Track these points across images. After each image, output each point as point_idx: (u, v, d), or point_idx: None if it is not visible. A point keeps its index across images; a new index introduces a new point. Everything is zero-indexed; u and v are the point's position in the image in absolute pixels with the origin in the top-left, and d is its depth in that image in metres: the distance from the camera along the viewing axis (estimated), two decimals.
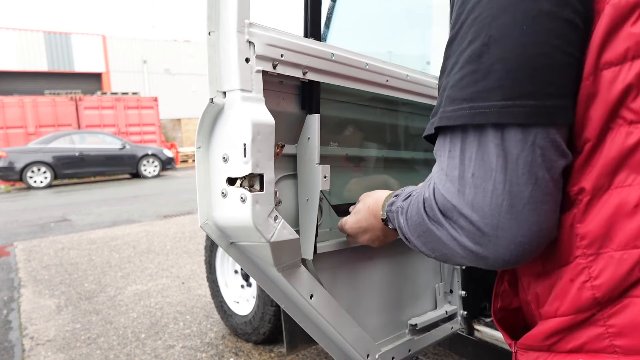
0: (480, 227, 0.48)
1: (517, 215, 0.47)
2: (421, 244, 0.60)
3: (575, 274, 0.51)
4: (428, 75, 1.31)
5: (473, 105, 0.48)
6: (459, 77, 0.49)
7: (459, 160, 0.50)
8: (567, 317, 0.53)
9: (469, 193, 0.49)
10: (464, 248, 0.51)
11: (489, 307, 1.69)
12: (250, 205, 0.77)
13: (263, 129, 0.78)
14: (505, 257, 0.49)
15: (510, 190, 0.47)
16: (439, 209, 0.52)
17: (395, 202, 0.70)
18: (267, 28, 0.84)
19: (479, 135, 0.48)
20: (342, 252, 1.16)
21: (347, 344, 1.08)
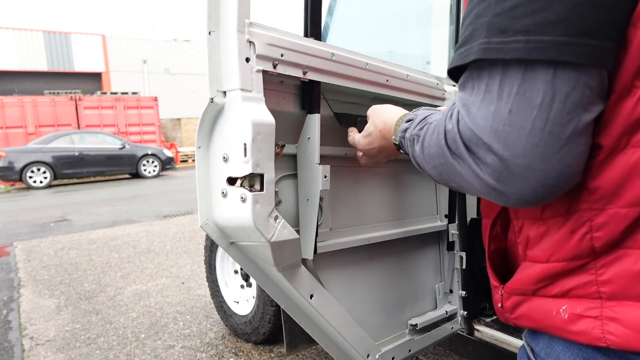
0: (509, 166, 0.46)
1: (551, 157, 0.45)
2: (436, 174, 0.58)
3: (577, 225, 0.52)
4: (428, 75, 1.31)
5: (530, 38, 0.43)
6: (511, 6, 0.45)
7: (496, 95, 0.46)
8: (560, 263, 0.54)
9: (503, 130, 0.46)
10: (485, 185, 0.50)
11: (489, 307, 1.69)
12: (251, 205, 0.77)
13: (263, 128, 0.78)
14: (528, 198, 0.48)
15: (551, 130, 0.44)
16: (464, 143, 0.50)
17: (409, 128, 0.67)
18: (268, 28, 0.84)
19: (525, 69, 0.45)
20: (343, 252, 1.16)
21: (347, 344, 1.08)
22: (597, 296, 0.51)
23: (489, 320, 1.64)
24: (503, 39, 0.45)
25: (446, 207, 1.51)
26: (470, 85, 0.50)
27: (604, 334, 0.50)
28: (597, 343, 0.51)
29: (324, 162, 0.98)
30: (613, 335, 0.50)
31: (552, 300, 0.56)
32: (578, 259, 0.52)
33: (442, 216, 1.52)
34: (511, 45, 0.45)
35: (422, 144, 0.60)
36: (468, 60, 0.49)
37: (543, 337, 0.60)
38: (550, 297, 0.56)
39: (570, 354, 0.55)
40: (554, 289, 0.56)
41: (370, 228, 1.26)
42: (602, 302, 0.51)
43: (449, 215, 1.51)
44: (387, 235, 1.28)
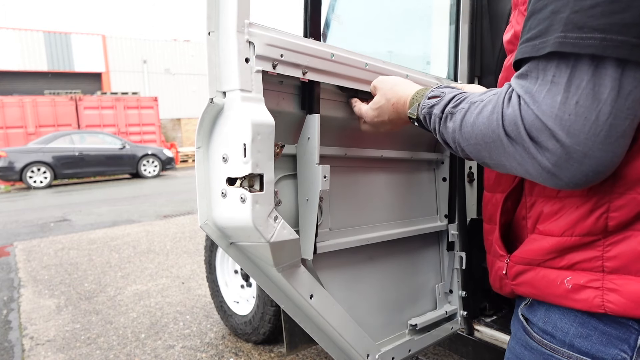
0: (569, 152, 0.50)
1: (608, 146, 0.50)
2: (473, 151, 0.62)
3: (597, 206, 0.58)
4: (428, 76, 1.31)
5: (606, 37, 0.47)
6: (590, 5, 0.48)
7: (563, 86, 0.50)
8: (574, 237, 0.60)
9: (568, 119, 0.50)
10: (539, 168, 0.54)
11: (489, 307, 1.69)
12: (250, 206, 0.77)
13: (263, 129, 0.78)
14: (579, 182, 0.53)
15: (612, 123, 0.49)
16: (525, 127, 0.53)
17: (436, 104, 0.69)
18: (267, 28, 0.84)
19: (596, 65, 0.49)
20: (342, 252, 1.16)
21: (347, 344, 1.08)
22: (601, 270, 0.58)
23: (489, 320, 1.64)
24: (580, 34, 0.49)
25: (446, 207, 1.51)
26: (534, 75, 0.53)
27: (604, 302, 0.58)
28: (596, 310, 0.58)
29: (323, 162, 0.98)
30: (611, 304, 0.57)
31: (557, 271, 0.63)
32: (591, 235, 0.59)
33: (442, 216, 1.52)
34: (587, 41, 0.48)
35: (461, 122, 0.63)
36: (543, 52, 0.51)
37: (540, 309, 0.67)
38: (557, 268, 0.63)
39: (567, 320, 0.63)
40: (561, 262, 0.62)
41: (370, 228, 1.26)
42: (604, 275, 0.58)
43: (449, 215, 1.51)
44: (387, 236, 1.28)
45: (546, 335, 0.65)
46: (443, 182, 1.51)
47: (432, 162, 1.50)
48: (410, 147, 1.39)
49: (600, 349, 0.59)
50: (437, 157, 1.48)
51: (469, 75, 1.52)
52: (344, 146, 1.16)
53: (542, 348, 0.65)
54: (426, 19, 2.08)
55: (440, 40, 1.69)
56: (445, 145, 0.69)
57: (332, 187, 1.12)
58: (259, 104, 0.81)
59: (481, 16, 1.59)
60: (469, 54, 1.51)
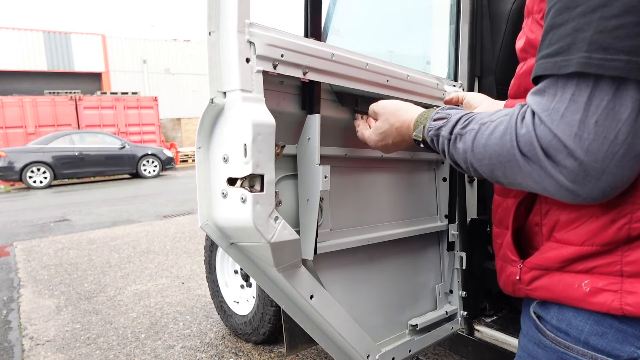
0: (587, 170, 0.51)
1: (625, 164, 0.51)
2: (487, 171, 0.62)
3: (619, 216, 0.58)
4: (428, 76, 1.31)
5: (631, 59, 0.48)
6: (615, 26, 0.48)
7: (583, 106, 0.51)
8: (595, 247, 0.60)
9: (587, 138, 0.50)
10: (557, 185, 0.54)
11: (489, 307, 1.69)
12: (251, 206, 0.77)
13: (263, 129, 0.78)
14: (596, 197, 0.54)
15: (631, 142, 0.50)
16: (542, 146, 0.53)
17: (444, 126, 0.70)
18: (268, 28, 0.84)
19: (618, 86, 0.49)
20: (343, 253, 1.16)
21: (348, 344, 1.08)
22: (619, 274, 0.59)
23: (489, 320, 1.64)
24: (605, 55, 0.49)
25: (446, 207, 1.51)
26: (552, 92, 0.53)
27: (622, 305, 0.58)
28: (615, 312, 0.58)
29: (324, 163, 0.98)
30: (630, 306, 0.57)
31: (574, 275, 0.63)
32: (612, 244, 0.59)
33: (442, 216, 1.52)
34: (613, 63, 0.48)
35: (472, 143, 0.63)
36: (567, 71, 0.52)
37: (553, 307, 0.67)
38: (574, 272, 0.63)
39: (582, 317, 0.62)
40: (579, 266, 0.62)
41: (371, 228, 1.26)
42: (623, 279, 0.58)
43: (449, 215, 1.51)
44: (388, 236, 1.28)
45: (560, 332, 0.65)
46: (443, 182, 1.51)
47: (433, 162, 1.50)
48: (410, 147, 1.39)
49: (616, 347, 0.59)
50: (437, 157, 1.48)
51: (469, 75, 1.52)
52: (345, 146, 1.16)
53: (556, 346, 0.65)
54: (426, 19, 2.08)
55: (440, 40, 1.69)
56: (456, 166, 0.69)
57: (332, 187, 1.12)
58: (259, 104, 0.81)
59: (481, 16, 1.59)
60: (469, 54, 1.51)
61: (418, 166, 1.45)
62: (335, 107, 1.11)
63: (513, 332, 1.52)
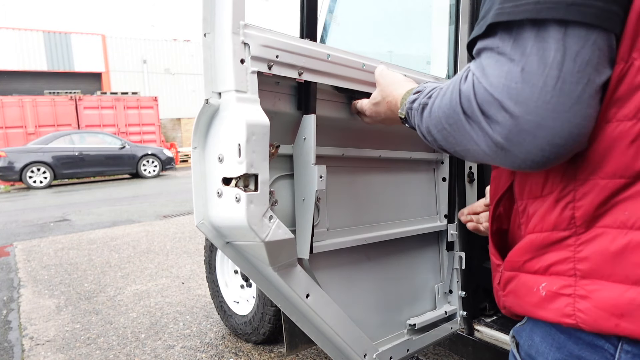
0: (520, 123, 0.48)
1: (562, 114, 0.47)
2: (442, 138, 0.60)
3: (563, 195, 0.54)
4: (427, 76, 1.31)
5: (539, 0, 0.46)
6: None
7: (508, 56, 0.49)
8: (543, 233, 0.56)
9: (516, 88, 0.48)
10: (493, 144, 0.51)
11: (489, 307, 1.69)
12: (245, 205, 0.77)
13: (258, 129, 0.78)
14: (535, 158, 0.50)
15: (562, 87, 0.46)
16: (478, 103, 0.52)
17: (417, 99, 0.69)
18: (262, 29, 0.84)
19: (538, 30, 0.47)
20: (340, 252, 1.16)
21: (344, 344, 1.08)
22: (573, 273, 0.53)
23: (489, 320, 1.64)
24: (515, 3, 0.48)
25: (446, 207, 1.51)
26: (483, 51, 0.53)
27: (575, 312, 0.52)
28: (567, 320, 0.53)
29: (319, 163, 0.98)
30: (582, 313, 0.52)
31: (533, 276, 0.58)
32: (558, 229, 0.55)
33: (441, 216, 1.52)
34: (522, 7, 0.47)
35: (430, 108, 0.62)
36: (483, 29, 0.52)
37: (525, 329, 0.63)
38: (533, 273, 0.58)
39: (546, 343, 0.58)
40: (536, 264, 0.58)
41: (368, 228, 1.26)
42: (577, 279, 0.53)
43: (449, 215, 1.51)
44: (385, 236, 1.28)
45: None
46: (443, 182, 1.51)
47: (432, 162, 1.49)
48: (409, 147, 1.39)
49: None
50: (436, 157, 1.48)
51: None
52: (342, 146, 1.16)
53: None
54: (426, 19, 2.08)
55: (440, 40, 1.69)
56: (424, 139, 0.67)
57: (330, 187, 1.12)
58: (254, 104, 0.81)
59: None
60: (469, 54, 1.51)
61: (417, 166, 1.45)
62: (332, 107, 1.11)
63: None
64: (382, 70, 0.95)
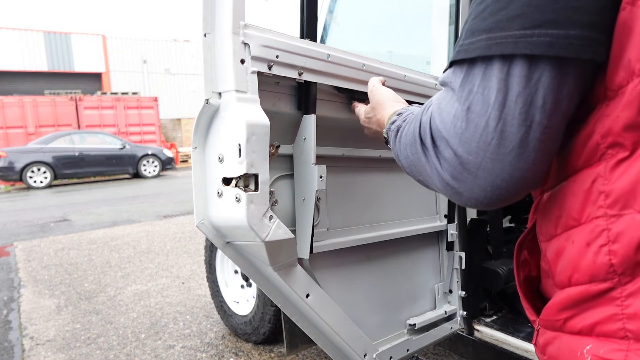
0: (463, 162, 0.47)
1: (502, 157, 0.45)
2: (407, 165, 0.59)
3: (593, 236, 0.46)
4: (427, 76, 1.31)
5: (490, 36, 0.44)
6: (482, 8, 0.46)
7: (457, 93, 0.48)
8: (581, 286, 0.48)
9: (461, 126, 0.46)
10: (442, 180, 0.51)
11: (489, 307, 1.69)
12: (245, 205, 0.77)
13: (258, 129, 0.78)
14: (479, 198, 0.48)
15: (503, 129, 0.44)
16: (432, 135, 0.51)
17: (397, 120, 0.68)
18: (263, 29, 0.85)
19: (485, 67, 0.45)
20: (340, 252, 1.16)
21: (344, 343, 1.08)
22: (623, 335, 0.44)
23: (489, 320, 1.64)
24: (471, 39, 0.47)
25: (445, 207, 1.51)
26: (444, 82, 0.52)
27: None
28: None
29: (319, 163, 0.99)
30: None
31: (577, 338, 0.49)
32: (597, 280, 0.46)
33: (441, 216, 1.52)
34: (476, 44, 0.46)
35: (401, 133, 0.61)
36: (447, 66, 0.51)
37: None
38: (576, 333, 0.50)
39: None
40: (579, 323, 0.49)
41: (368, 228, 1.26)
42: (629, 343, 0.44)
43: (449, 215, 1.51)
44: (385, 236, 1.28)
45: None
46: None
47: None
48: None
49: None
50: None
51: None
52: (342, 146, 1.16)
53: None
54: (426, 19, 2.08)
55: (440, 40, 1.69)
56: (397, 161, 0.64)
57: (330, 187, 1.12)
58: (254, 104, 0.81)
59: None
60: None
61: None
62: (332, 107, 1.11)
63: (513, 332, 1.52)
64: (373, 87, 0.93)
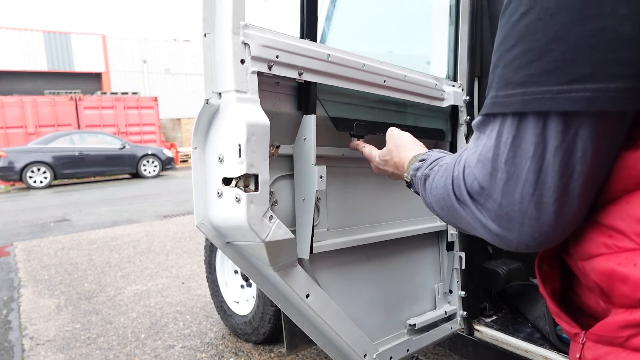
0: (508, 213, 0.47)
1: (546, 206, 0.46)
2: (444, 216, 0.60)
3: None
4: (426, 76, 1.31)
5: (526, 90, 0.44)
6: (512, 57, 0.45)
7: (494, 143, 0.48)
8: None
9: (501, 178, 0.47)
10: (488, 230, 0.51)
11: (489, 307, 1.69)
12: (245, 205, 0.77)
13: (258, 129, 0.78)
14: (529, 244, 0.49)
15: (544, 181, 0.45)
16: (467, 189, 0.52)
17: (421, 167, 0.69)
18: (263, 29, 0.85)
19: (519, 120, 0.46)
20: (340, 252, 1.16)
21: (344, 343, 1.08)
22: None
23: (489, 320, 1.63)
24: (506, 92, 0.46)
25: None
26: (476, 135, 0.52)
27: None
28: None
29: (319, 163, 0.99)
30: None
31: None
32: None
33: None
34: (512, 98, 0.46)
35: (431, 184, 0.62)
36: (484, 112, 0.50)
37: None
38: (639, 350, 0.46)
39: None
40: None
41: (368, 228, 1.26)
42: None
43: None
44: (386, 236, 1.28)
45: None
46: None
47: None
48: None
49: None
50: None
51: (469, 76, 1.52)
52: (342, 146, 1.16)
53: None
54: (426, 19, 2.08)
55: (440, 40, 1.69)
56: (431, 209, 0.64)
57: (330, 187, 1.12)
58: (254, 104, 0.81)
59: (481, 16, 1.59)
60: (469, 54, 1.51)
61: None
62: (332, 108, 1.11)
63: (513, 332, 1.52)
64: (392, 131, 0.97)
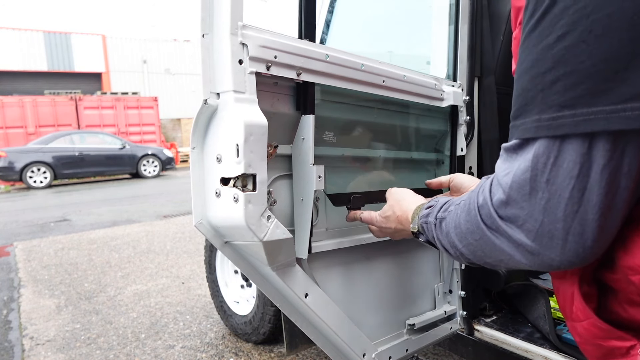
0: (550, 231, 0.47)
1: (590, 222, 0.46)
2: (470, 252, 0.59)
3: None
4: (426, 76, 1.31)
5: (575, 112, 0.44)
6: (551, 80, 0.45)
7: (530, 165, 0.47)
8: None
9: (542, 198, 0.47)
10: (527, 252, 0.50)
11: (489, 307, 1.69)
12: (243, 205, 0.77)
13: (255, 129, 0.78)
14: (573, 260, 0.48)
15: (589, 198, 0.45)
16: (498, 214, 0.51)
17: (431, 213, 0.70)
18: (261, 30, 0.85)
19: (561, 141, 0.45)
20: (339, 252, 1.16)
21: (343, 343, 1.08)
22: None
23: (489, 320, 1.63)
24: (551, 114, 0.46)
25: None
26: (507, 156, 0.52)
27: None
28: None
29: (318, 163, 0.99)
30: None
31: None
32: None
33: None
34: (560, 120, 0.45)
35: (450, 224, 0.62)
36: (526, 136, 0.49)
37: None
38: None
39: None
40: None
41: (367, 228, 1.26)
42: None
43: None
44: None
45: None
46: None
47: (432, 162, 1.49)
48: (409, 147, 1.39)
49: None
50: (437, 157, 1.48)
51: (469, 76, 1.52)
52: (342, 146, 1.16)
53: None
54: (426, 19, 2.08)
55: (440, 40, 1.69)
56: (447, 253, 0.65)
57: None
58: (252, 105, 0.81)
59: (481, 16, 1.59)
60: (469, 54, 1.51)
61: (417, 166, 1.45)
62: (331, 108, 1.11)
63: (513, 332, 1.52)
64: (392, 189, 0.98)
